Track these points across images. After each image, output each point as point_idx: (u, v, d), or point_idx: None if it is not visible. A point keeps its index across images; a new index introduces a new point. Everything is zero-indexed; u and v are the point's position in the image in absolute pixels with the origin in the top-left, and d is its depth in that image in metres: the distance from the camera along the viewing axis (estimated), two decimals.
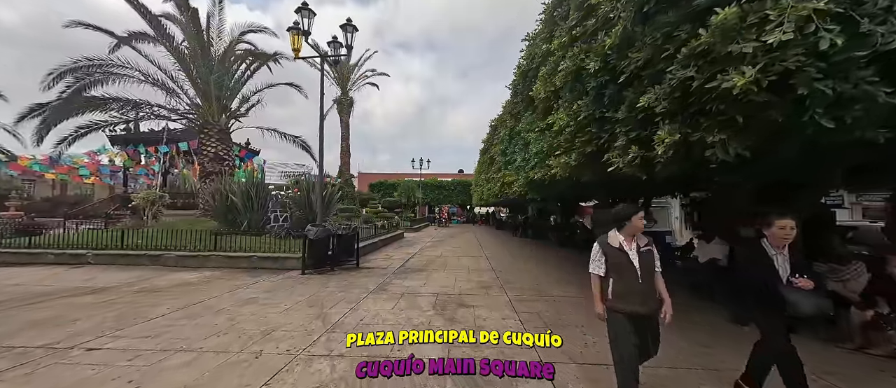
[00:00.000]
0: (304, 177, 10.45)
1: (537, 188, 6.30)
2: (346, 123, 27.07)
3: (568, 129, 3.49)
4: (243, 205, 9.34)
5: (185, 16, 10.22)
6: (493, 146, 10.07)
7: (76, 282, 5.65)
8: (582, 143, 3.31)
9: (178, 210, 13.17)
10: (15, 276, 6.01)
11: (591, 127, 3.14)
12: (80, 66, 8.84)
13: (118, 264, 7.18)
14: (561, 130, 3.67)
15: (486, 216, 32.36)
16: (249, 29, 11.89)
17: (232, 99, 11.89)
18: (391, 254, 9.84)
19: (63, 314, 3.92)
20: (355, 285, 5.70)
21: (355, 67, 27.08)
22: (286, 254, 7.31)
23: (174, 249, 7.55)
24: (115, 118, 9.81)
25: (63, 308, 4.18)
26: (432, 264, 8.11)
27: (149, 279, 5.89)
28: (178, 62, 10.51)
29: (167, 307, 4.26)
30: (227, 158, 11.43)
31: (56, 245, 7.62)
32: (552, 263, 8.63)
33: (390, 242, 12.78)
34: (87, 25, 9.23)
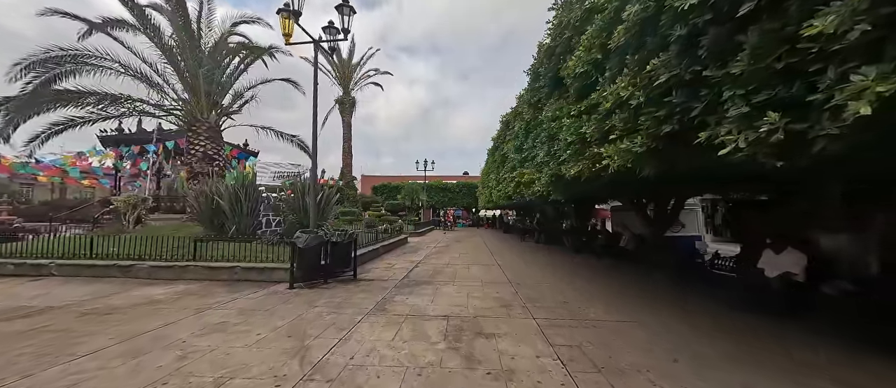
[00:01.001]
0: (298, 178, 9.56)
1: (565, 187, 5.34)
2: (349, 123, 26.29)
3: (631, 103, 2.55)
4: (231, 208, 8.48)
5: (170, 3, 9.44)
6: (506, 143, 9.13)
7: (20, 300, 4.78)
8: (654, 120, 2.38)
9: (168, 214, 12.38)
10: None
11: (674, 96, 2.21)
12: (51, 55, 8.06)
13: (83, 276, 6.32)
14: (618, 106, 2.74)
15: (493, 220, 31.36)
16: (242, 19, 11.11)
17: (223, 95, 11.09)
18: (394, 262, 8.90)
19: None
20: (350, 304, 4.77)
21: (357, 66, 26.34)
22: (274, 264, 6.41)
23: (149, 258, 6.68)
24: (94, 115, 9.04)
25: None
26: (440, 275, 7.16)
27: (107, 296, 5.01)
28: (164, 54, 9.73)
29: (108, 338, 3.35)
30: (217, 158, 10.61)
31: (18, 254, 6.78)
32: (574, 272, 7.64)
33: (393, 248, 11.86)
34: (64, 13, 8.46)
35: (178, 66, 9.96)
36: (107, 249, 6.99)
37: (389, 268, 7.99)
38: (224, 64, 11.00)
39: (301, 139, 13.84)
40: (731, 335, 3.72)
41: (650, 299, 5.35)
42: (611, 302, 5.06)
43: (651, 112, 2.38)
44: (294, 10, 6.47)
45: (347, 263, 6.63)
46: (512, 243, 15.29)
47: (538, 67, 5.69)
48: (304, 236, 5.90)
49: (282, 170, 9.67)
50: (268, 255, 6.75)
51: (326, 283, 6.08)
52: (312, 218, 7.14)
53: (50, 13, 8.47)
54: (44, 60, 7.98)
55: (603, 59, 3.15)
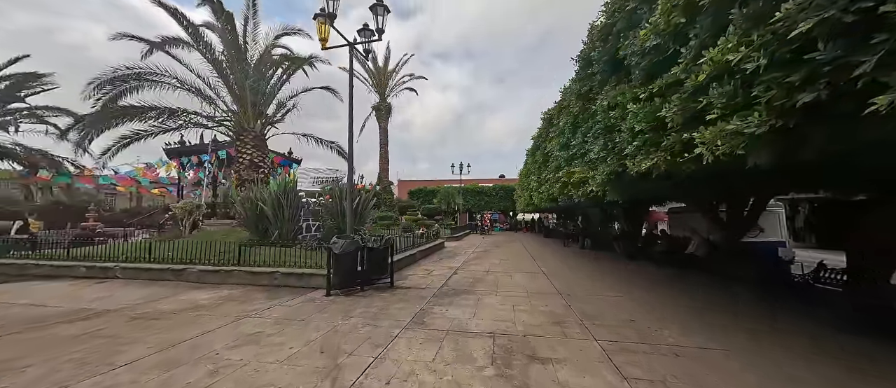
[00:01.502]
0: (336, 183, 9.60)
1: (626, 186, 4.65)
2: (385, 129, 26.74)
3: (743, 68, 1.92)
4: (274, 214, 8.67)
5: (220, 21, 10.00)
6: (549, 141, 8.45)
7: (83, 302, 5.06)
8: (782, 89, 1.73)
9: (222, 220, 13.16)
10: (30, 292, 5.62)
11: (822, 50, 1.57)
12: (118, 74, 8.88)
13: (142, 279, 6.69)
14: (717, 77, 2.13)
15: (532, 223, 30.15)
16: (284, 32, 11.54)
17: (267, 105, 11.55)
18: (431, 268, 8.57)
19: (22, 356, 3.09)
20: (386, 315, 4.46)
21: (393, 73, 26.76)
22: (312, 270, 6.33)
23: (198, 262, 6.93)
24: (155, 128, 9.82)
25: (32, 344, 3.40)
26: (480, 283, 6.68)
27: (158, 300, 5.16)
28: (215, 68, 10.33)
29: (147, 347, 3.30)
30: (262, 166, 11.04)
31: (89, 257, 7.38)
32: (632, 283, 6.77)
33: (430, 253, 11.57)
34: (130, 36, 9.29)
35: (228, 79, 10.53)
36: (163, 253, 7.40)
37: (427, 275, 7.65)
38: (268, 75, 11.46)
39: (340, 145, 14.12)
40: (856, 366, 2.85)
41: (734, 317, 4.47)
42: (687, 322, 4.27)
43: (777, 78, 1.76)
44: (329, 13, 6.41)
45: (384, 269, 6.38)
46: (554, 249, 14.36)
47: (589, 52, 5.05)
48: (340, 241, 5.74)
49: (321, 175, 9.88)
50: (306, 260, 6.71)
51: (363, 290, 5.86)
52: (349, 223, 7.01)
53: (120, 37, 9.36)
54: (112, 79, 8.82)
55: (687, 22, 2.53)
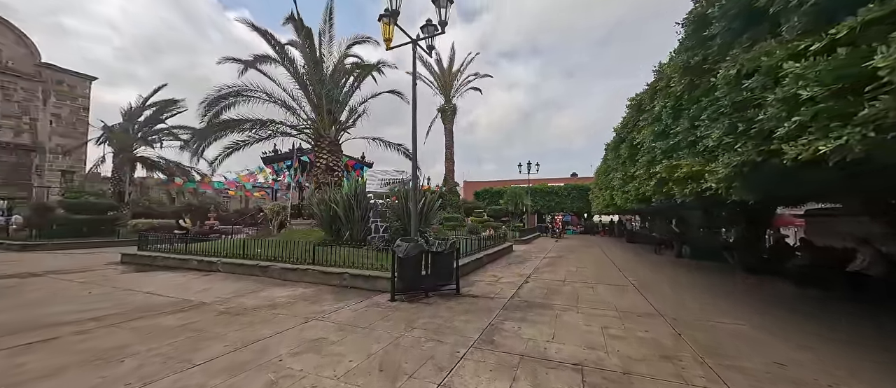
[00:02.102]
0: (402, 184, 9.61)
1: (765, 180, 3.46)
2: (450, 130, 26.82)
3: None
4: (345, 215, 9.00)
5: (301, 36, 10.87)
6: (640, 131, 7.15)
7: (189, 293, 5.70)
8: None
9: (306, 220, 14.42)
10: (153, 282, 6.58)
11: None
12: (221, 93, 10.28)
13: (237, 273, 7.42)
14: None
15: (610, 226, 27.17)
16: (355, 41, 12.09)
17: (341, 111, 12.23)
18: (499, 275, 7.95)
19: (126, 345, 3.41)
20: (451, 329, 4.02)
21: (458, 73, 26.71)
22: (378, 272, 6.26)
23: (280, 260, 7.45)
24: (250, 138, 11.15)
25: (138, 333, 3.76)
26: (557, 295, 5.85)
27: (244, 295, 5.55)
28: (297, 81, 11.28)
29: (223, 346, 3.39)
30: (336, 169, 11.71)
31: (201, 253, 8.52)
32: (759, 307, 5.22)
33: (497, 257, 10.92)
34: (232, 59, 10.68)
35: (307, 89, 11.42)
36: (254, 250, 8.16)
37: (495, 282, 7.06)
38: (341, 84, 12.14)
39: (406, 148, 14.31)
40: None
41: None
42: (879, 376, 2.94)
43: None
44: (393, 11, 6.28)
45: (449, 275, 5.99)
46: (643, 256, 12.45)
47: (706, 9, 3.92)
48: (404, 244, 5.52)
49: (388, 176, 10.11)
50: (373, 262, 6.69)
51: (427, 297, 5.55)
52: (413, 225, 6.81)
53: (223, 60, 10.84)
54: (216, 98, 10.25)
55: None
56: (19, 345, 3.38)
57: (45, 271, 7.62)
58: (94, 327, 3.95)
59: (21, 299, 5.28)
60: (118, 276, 7.28)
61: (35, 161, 26.62)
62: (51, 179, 26.81)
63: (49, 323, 4.05)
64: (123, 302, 5.06)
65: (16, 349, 3.28)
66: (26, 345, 3.37)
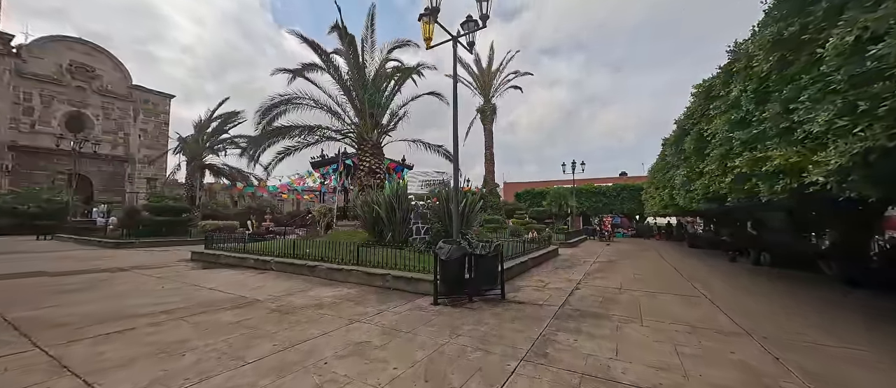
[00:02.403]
0: (443, 185, 9.49)
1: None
2: (490, 131, 26.43)
3: None
4: (387, 217, 9.09)
5: (344, 44, 11.28)
6: (711, 120, 6.30)
7: (245, 290, 6.02)
8: None
9: (351, 222, 14.94)
10: (213, 279, 7.08)
11: None
12: (273, 102, 11.00)
13: (288, 272, 7.77)
14: None
15: (668, 229, 24.88)
16: (396, 45, 12.29)
17: (382, 115, 12.48)
18: (546, 280, 7.48)
19: (189, 338, 3.60)
20: (499, 338, 3.75)
21: (497, 72, 26.26)
22: (420, 275, 6.16)
23: (326, 260, 7.67)
24: (299, 143, 11.79)
25: (199, 329, 3.98)
26: (615, 305, 5.30)
27: (293, 294, 5.74)
28: (341, 87, 11.71)
29: (272, 345, 3.45)
30: (378, 172, 11.95)
31: (256, 252, 9.09)
32: (875, 326, 4.25)
33: (542, 261, 10.37)
34: (283, 70, 11.39)
35: (351, 95, 11.81)
36: (303, 250, 8.51)
37: (542, 287, 6.63)
38: (382, 88, 12.39)
39: (446, 149, 14.25)
40: None
41: None
42: None
43: None
44: (433, 8, 6.18)
45: (494, 279, 5.71)
46: (710, 263, 11.10)
47: None
48: (446, 246, 5.34)
49: (428, 178, 10.08)
50: (415, 264, 6.61)
51: (472, 301, 5.31)
52: (455, 227, 6.63)
53: (276, 71, 11.61)
54: (269, 107, 11.00)
55: None
56: (102, 334, 3.72)
57: (131, 267, 8.59)
58: (164, 319, 4.26)
59: (110, 290, 5.94)
60: (188, 272, 7.97)
61: (127, 170, 30.75)
62: (139, 185, 30.77)
63: (128, 314, 4.45)
64: (190, 297, 5.46)
65: (99, 338, 3.60)
66: (107, 335, 3.70)
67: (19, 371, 2.82)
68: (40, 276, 7.21)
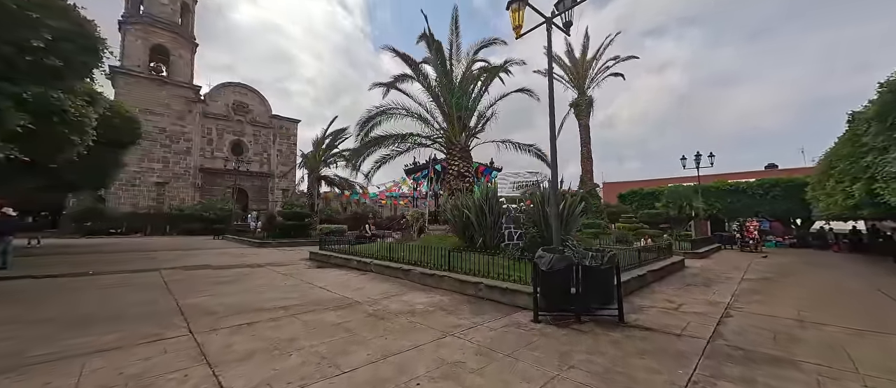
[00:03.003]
0: (537, 186, 8.68)
1: None
2: (586, 126, 23.91)
3: None
4: (477, 221, 8.73)
5: (432, 51, 11.50)
6: None
7: (348, 290, 6.39)
8: None
9: (439, 225, 15.20)
10: (323, 278, 7.77)
11: None
12: (370, 115, 11.87)
13: (385, 275, 8.08)
14: None
15: (854, 237, 18.25)
16: (482, 45, 12.01)
17: (470, 118, 12.28)
18: (676, 299, 5.97)
19: (298, 337, 3.80)
20: (627, 378, 2.91)
21: (593, 61, 23.66)
22: (516, 285, 5.56)
23: (419, 265, 7.71)
24: (393, 152, 12.46)
25: (307, 327, 4.21)
26: (798, 345, 3.76)
27: (389, 298, 5.81)
28: (429, 94, 11.97)
29: (367, 354, 3.35)
30: (467, 175, 11.76)
31: (359, 254, 9.81)
32: None
33: (664, 274, 8.52)
34: (378, 84, 12.28)
35: (439, 100, 11.97)
36: (399, 254, 8.80)
37: (673, 309, 5.26)
38: (469, 90, 12.21)
39: (538, 148, 13.25)
40: None
41: None
42: None
43: None
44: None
45: (607, 296, 4.72)
46: None
47: None
48: (547, 255, 4.63)
49: (520, 179, 9.38)
50: (509, 272, 6.03)
51: (581, 322, 4.47)
52: (555, 233, 5.81)
53: (373, 86, 12.59)
54: (367, 119, 11.94)
55: None
56: (235, 325, 4.24)
57: (266, 264, 10.22)
58: (281, 316, 4.69)
59: (249, 284, 7.03)
60: (305, 270, 9.04)
61: (270, 184, 38.09)
62: (277, 195, 37.71)
63: (256, 308, 5.06)
64: (304, 295, 6.02)
65: (232, 328, 4.10)
66: (238, 326, 4.19)
67: (173, 355, 3.30)
68: (206, 268, 9.11)
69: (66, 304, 5.30)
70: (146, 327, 4.14)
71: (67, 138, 6.81)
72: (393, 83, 12.10)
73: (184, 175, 31.74)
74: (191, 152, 32.35)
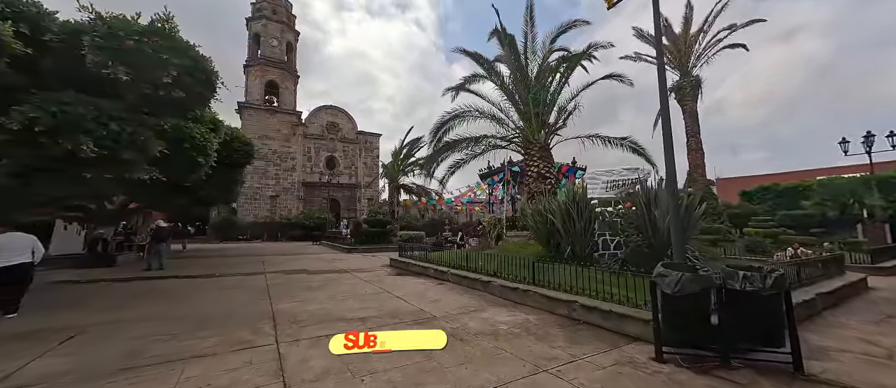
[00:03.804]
0: (639, 184, 7.24)
1: None
2: (693, 112, 20.08)
3: None
4: (564, 227, 7.65)
5: (504, 47, 10.83)
6: None
7: (425, 301, 6.07)
8: None
9: (519, 232, 14.21)
10: (401, 287, 7.62)
11: None
12: (443, 120, 11.71)
13: (462, 285, 7.59)
14: None
15: None
16: (559, 31, 10.89)
17: (549, 113, 11.20)
18: (880, 338, 4.08)
19: (371, 357, 3.49)
20: None
21: (700, 33, 19.80)
22: (623, 308, 4.47)
23: (500, 276, 7.01)
24: (467, 155, 12.06)
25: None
26: None
27: (467, 314, 5.27)
28: (503, 92, 11.28)
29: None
30: (549, 176, 10.66)
31: (436, 262, 9.57)
32: None
33: (840, 298, 6.15)
34: (449, 88, 12.10)
35: (514, 98, 11.20)
36: (476, 263, 8.24)
37: (884, 358, 3.53)
38: (547, 83, 11.15)
39: (633, 141, 11.39)
40: None
41: None
42: None
43: None
44: None
45: (768, 331, 3.36)
46: None
47: None
48: (672, 273, 3.51)
49: (614, 177, 7.88)
50: (609, 289, 4.94)
51: (730, 367, 3.24)
52: (676, 242, 4.53)
53: (446, 92, 12.48)
54: (440, 124, 11.81)
55: None
56: (315, 336, 4.19)
57: (351, 269, 10.73)
58: (358, 327, 4.53)
59: (332, 291, 7.28)
60: (385, 277, 9.14)
61: (357, 194, 41.75)
62: (363, 205, 41.06)
63: (337, 318, 5.04)
64: (382, 305, 5.89)
65: (311, 340, 4.05)
66: (318, 338, 4.12)
67: (256, 368, 3.29)
68: (302, 273, 9.92)
69: (194, 304, 6.11)
70: (242, 331, 4.37)
71: (195, 160, 8.19)
72: (463, 85, 11.77)
73: (290, 189, 36.83)
74: (295, 169, 37.43)
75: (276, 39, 38.28)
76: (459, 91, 12.03)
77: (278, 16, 38.67)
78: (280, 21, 38.75)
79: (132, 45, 5.08)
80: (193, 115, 7.77)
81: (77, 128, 4.80)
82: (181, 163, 7.96)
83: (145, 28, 5.49)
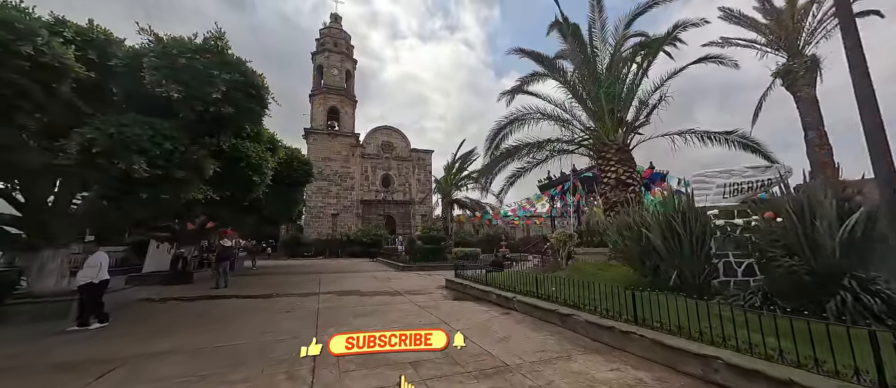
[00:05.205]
0: (778, 183, 5.35)
1: None
2: (812, 99, 16.18)
3: None
4: (665, 245, 5.94)
5: (567, 38, 9.51)
6: None
7: (488, 340, 4.90)
8: None
9: (590, 248, 12.28)
10: (459, 316, 6.52)
11: None
12: (499, 126, 10.58)
13: (533, 316, 6.27)
14: None
15: None
16: (637, 11, 9.24)
17: (626, 109, 9.49)
18: None
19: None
20: None
21: (812, 3, 16.13)
22: (809, 378, 2.84)
23: (584, 309, 5.55)
24: (528, 163, 10.72)
25: None
26: None
27: (549, 365, 3.97)
28: (568, 90, 9.87)
29: None
30: (631, 182, 8.87)
31: (498, 285, 8.31)
32: None
33: None
34: (504, 92, 11.01)
35: (581, 96, 9.74)
36: (548, 288, 6.84)
37: None
38: (622, 75, 9.49)
39: (742, 134, 9.09)
40: None
41: None
42: None
43: None
44: None
45: None
46: None
47: None
48: None
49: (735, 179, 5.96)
50: (768, 339, 3.27)
51: None
52: None
53: (501, 97, 11.44)
54: (496, 131, 10.72)
55: None
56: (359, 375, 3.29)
57: (405, 291, 9.95)
58: (408, 372, 3.55)
59: (385, 319, 6.46)
60: (441, 302, 8.15)
61: (411, 210, 42.14)
62: (417, 221, 41.21)
63: (384, 362, 4.10)
64: None
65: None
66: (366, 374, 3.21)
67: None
68: (354, 294, 9.38)
69: (238, 330, 5.73)
70: (278, 374, 3.67)
71: (251, 179, 8.26)
72: (520, 87, 10.65)
73: (349, 207, 38.43)
74: (354, 188, 39.10)
75: (337, 68, 41.16)
76: (516, 93, 10.90)
77: (339, 48, 41.81)
78: (340, 52, 41.75)
79: (184, 62, 5.06)
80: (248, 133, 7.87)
81: (131, 148, 4.80)
82: (237, 182, 8.06)
83: (198, 46, 5.52)
